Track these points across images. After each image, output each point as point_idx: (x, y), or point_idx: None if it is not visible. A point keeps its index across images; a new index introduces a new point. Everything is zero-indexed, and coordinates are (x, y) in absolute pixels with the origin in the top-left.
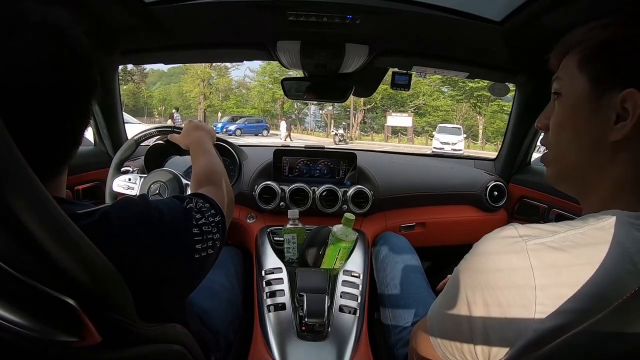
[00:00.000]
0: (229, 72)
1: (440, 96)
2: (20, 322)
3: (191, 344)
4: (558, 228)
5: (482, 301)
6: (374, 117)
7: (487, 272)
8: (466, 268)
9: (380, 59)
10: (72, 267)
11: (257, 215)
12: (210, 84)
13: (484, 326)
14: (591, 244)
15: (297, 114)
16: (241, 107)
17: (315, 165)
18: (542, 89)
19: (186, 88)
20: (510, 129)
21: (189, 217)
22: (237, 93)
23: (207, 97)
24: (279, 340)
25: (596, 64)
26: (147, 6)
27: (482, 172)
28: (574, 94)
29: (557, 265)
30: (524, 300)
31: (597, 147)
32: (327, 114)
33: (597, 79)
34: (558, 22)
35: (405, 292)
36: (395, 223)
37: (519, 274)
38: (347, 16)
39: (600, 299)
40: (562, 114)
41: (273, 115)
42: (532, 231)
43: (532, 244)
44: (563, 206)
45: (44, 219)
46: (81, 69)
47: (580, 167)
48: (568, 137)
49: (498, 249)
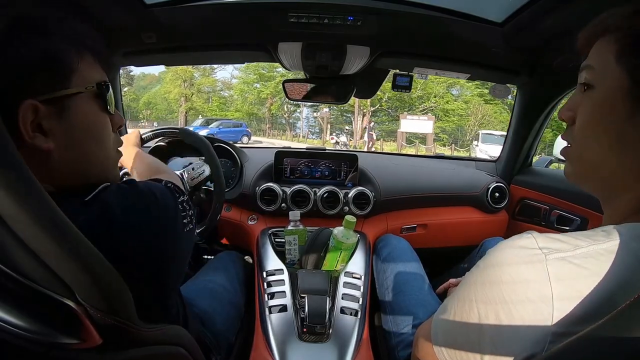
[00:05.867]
0: (214, 72)
1: (463, 96)
2: (21, 324)
3: (192, 346)
4: (580, 242)
5: (495, 315)
6: (378, 121)
7: (502, 284)
8: (479, 279)
9: (382, 60)
10: (71, 269)
11: (258, 216)
12: (192, 84)
13: (493, 338)
14: (612, 261)
15: (288, 117)
16: (224, 110)
17: (316, 167)
18: (543, 90)
19: (165, 89)
20: (512, 130)
21: (173, 194)
22: (221, 95)
23: (188, 99)
24: (280, 341)
25: (639, 59)
26: (148, 8)
27: (483, 173)
28: (610, 90)
29: (576, 282)
30: (539, 315)
31: (630, 152)
32: (322, 117)
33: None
34: (559, 23)
35: (406, 294)
36: (397, 224)
37: (536, 288)
38: (348, 17)
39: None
40: (592, 110)
41: (260, 119)
42: (553, 243)
43: (552, 258)
44: (564, 207)
45: (43, 222)
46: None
47: (606, 169)
48: (597, 136)
49: (515, 260)
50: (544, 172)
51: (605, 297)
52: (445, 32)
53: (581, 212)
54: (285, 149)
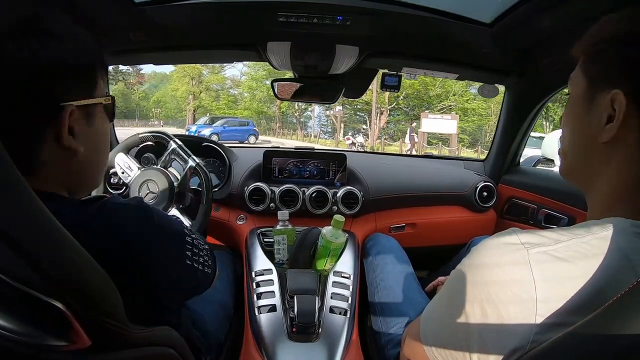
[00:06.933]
0: (223, 70)
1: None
2: (9, 326)
3: (182, 347)
4: (560, 236)
5: (481, 312)
6: (394, 120)
7: (487, 284)
8: (464, 278)
9: (371, 60)
10: (59, 271)
11: (247, 216)
12: (200, 81)
13: (481, 336)
14: (594, 254)
15: (299, 116)
16: (233, 109)
17: (305, 167)
18: (532, 91)
19: (172, 86)
20: (500, 130)
21: (183, 228)
22: (230, 92)
23: (196, 97)
24: (269, 341)
25: (594, 65)
26: (137, 6)
27: (471, 172)
28: (574, 94)
29: (559, 276)
30: (525, 312)
31: (591, 148)
32: (335, 116)
33: (593, 80)
34: (547, 24)
35: (395, 293)
36: (386, 224)
37: (520, 286)
38: (337, 17)
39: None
40: (565, 113)
41: (269, 117)
42: (534, 238)
43: (534, 252)
44: (552, 206)
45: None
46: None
47: (580, 165)
48: (569, 136)
49: (499, 260)
50: (531, 171)
51: (590, 290)
52: (434, 32)
53: (568, 211)
54: (274, 148)
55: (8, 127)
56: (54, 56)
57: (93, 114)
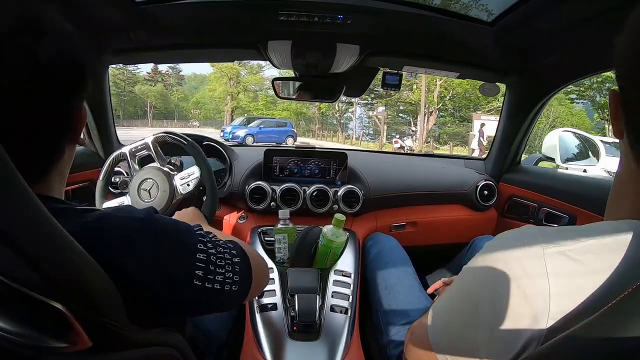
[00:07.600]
0: (262, 70)
1: None
2: (9, 328)
3: (183, 347)
4: (578, 236)
5: (492, 311)
6: (440, 122)
7: (500, 281)
8: (477, 275)
9: (371, 58)
10: (59, 271)
11: (247, 215)
12: (238, 82)
13: (490, 335)
14: (610, 257)
15: (339, 117)
16: (271, 109)
17: (305, 165)
18: (532, 90)
19: (210, 87)
20: (501, 128)
21: (196, 241)
22: (269, 93)
23: (234, 97)
24: (270, 340)
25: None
26: (138, 5)
27: (472, 171)
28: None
29: (574, 277)
30: (536, 311)
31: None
32: (378, 117)
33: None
34: (548, 22)
35: (396, 292)
36: (386, 223)
37: (534, 284)
38: (338, 16)
39: None
40: None
41: (309, 119)
42: (550, 236)
43: (550, 251)
44: (553, 205)
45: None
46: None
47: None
48: None
49: (513, 255)
50: (532, 170)
51: (607, 292)
52: (435, 31)
53: (569, 210)
54: (274, 147)
55: (29, 131)
56: (53, 56)
57: (83, 108)
